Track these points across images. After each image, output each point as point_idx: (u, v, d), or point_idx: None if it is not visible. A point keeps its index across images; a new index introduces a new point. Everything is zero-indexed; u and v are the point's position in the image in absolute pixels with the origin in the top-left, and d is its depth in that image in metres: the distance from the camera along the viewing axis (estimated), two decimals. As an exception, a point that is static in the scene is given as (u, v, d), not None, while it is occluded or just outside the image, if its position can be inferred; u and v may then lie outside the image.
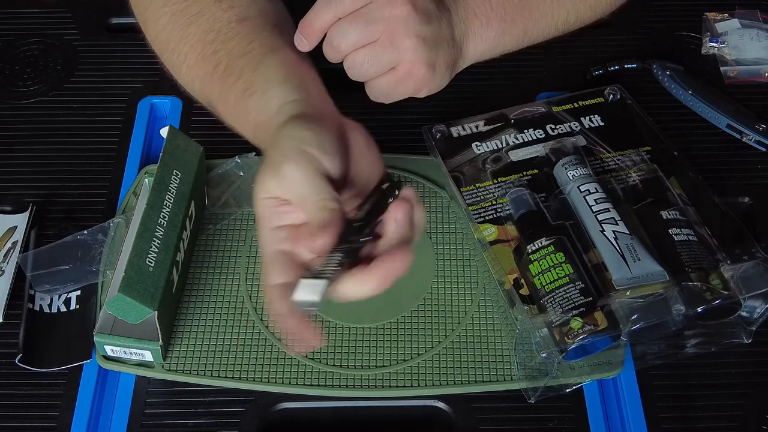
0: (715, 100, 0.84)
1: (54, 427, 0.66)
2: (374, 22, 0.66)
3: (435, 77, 0.69)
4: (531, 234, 0.69)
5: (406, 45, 0.66)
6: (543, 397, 0.67)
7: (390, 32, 0.66)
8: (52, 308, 0.71)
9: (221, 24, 0.67)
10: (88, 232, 0.74)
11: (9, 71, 0.88)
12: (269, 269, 0.56)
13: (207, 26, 0.68)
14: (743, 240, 0.69)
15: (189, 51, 0.68)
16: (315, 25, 0.67)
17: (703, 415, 0.67)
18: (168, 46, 0.70)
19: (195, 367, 0.68)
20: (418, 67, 0.68)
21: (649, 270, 0.66)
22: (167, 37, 0.70)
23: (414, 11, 0.66)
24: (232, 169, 0.78)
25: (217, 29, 0.67)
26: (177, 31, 0.69)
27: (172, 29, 0.69)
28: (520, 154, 0.78)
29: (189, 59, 0.68)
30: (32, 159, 0.81)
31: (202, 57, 0.67)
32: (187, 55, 0.68)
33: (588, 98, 0.82)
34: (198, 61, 0.67)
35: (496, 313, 0.71)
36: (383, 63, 0.67)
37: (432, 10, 0.68)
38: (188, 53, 0.68)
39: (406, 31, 0.66)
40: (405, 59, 0.67)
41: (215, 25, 0.67)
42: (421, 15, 0.66)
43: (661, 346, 0.68)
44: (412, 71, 0.68)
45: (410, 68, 0.68)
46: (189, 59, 0.68)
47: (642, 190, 0.73)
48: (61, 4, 0.94)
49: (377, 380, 0.68)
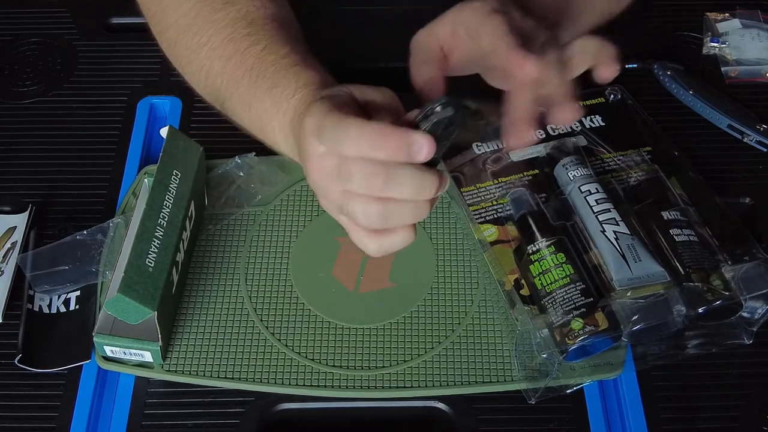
0: (716, 100, 0.84)
1: (53, 427, 0.66)
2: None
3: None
4: (531, 234, 0.69)
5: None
6: (543, 398, 0.66)
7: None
8: (52, 309, 0.71)
9: (256, 17, 0.68)
10: (88, 232, 0.74)
11: (9, 71, 0.88)
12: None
13: (238, 15, 0.68)
14: (744, 240, 0.69)
15: (214, 34, 0.68)
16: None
17: (704, 416, 0.67)
18: (190, 30, 0.69)
19: (195, 367, 0.68)
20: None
21: (650, 270, 0.66)
22: (190, 21, 0.69)
23: None
24: (232, 169, 0.78)
25: (251, 20, 0.68)
26: (203, 15, 0.69)
27: (197, 14, 0.69)
28: (520, 154, 0.78)
29: (213, 41, 0.68)
30: (32, 159, 0.81)
31: (230, 39, 0.67)
32: (211, 37, 0.68)
33: (589, 98, 0.82)
34: (224, 42, 0.67)
35: (496, 313, 0.71)
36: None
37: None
38: (213, 36, 0.68)
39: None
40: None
41: (249, 16, 0.68)
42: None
43: (662, 347, 0.68)
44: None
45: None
46: (213, 41, 0.68)
47: (643, 191, 0.73)
48: (60, 4, 0.94)
49: (377, 381, 0.68)
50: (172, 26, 0.71)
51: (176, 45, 0.71)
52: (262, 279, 0.73)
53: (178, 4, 0.70)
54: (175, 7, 0.70)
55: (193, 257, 0.74)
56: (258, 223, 0.77)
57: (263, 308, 0.72)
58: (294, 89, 0.62)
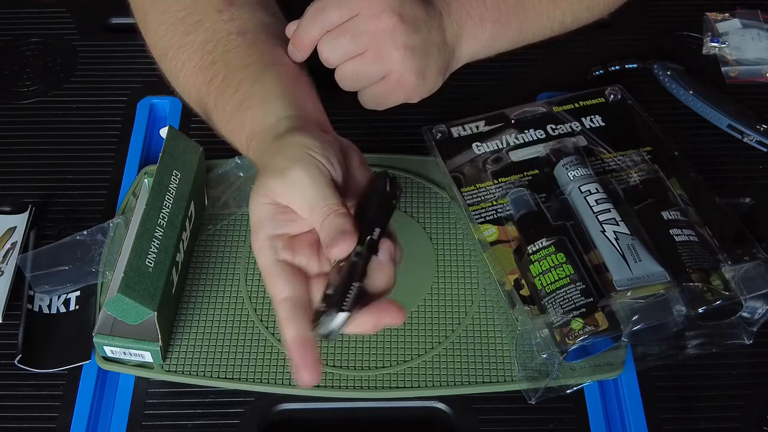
0: (715, 100, 0.84)
1: (53, 428, 0.66)
2: (360, 36, 0.66)
3: (426, 84, 0.70)
4: (531, 234, 0.69)
5: (393, 57, 0.66)
6: (543, 398, 0.66)
7: (377, 45, 0.66)
8: (52, 309, 0.71)
9: (221, 35, 0.68)
10: (88, 232, 0.74)
11: (8, 71, 0.88)
12: (272, 282, 0.56)
13: (206, 36, 0.68)
14: (744, 240, 0.69)
15: (187, 60, 0.68)
16: (305, 40, 0.67)
17: (704, 416, 0.67)
18: (167, 54, 0.70)
19: (194, 367, 0.68)
20: (408, 77, 0.68)
21: (650, 271, 0.66)
22: (166, 44, 0.70)
23: (401, 22, 0.66)
24: (232, 169, 0.78)
25: (216, 40, 0.68)
26: (176, 39, 0.69)
27: (171, 37, 0.69)
28: (520, 154, 0.78)
29: (187, 68, 0.69)
30: (32, 159, 0.81)
31: (199, 67, 0.68)
32: (185, 63, 0.69)
33: (589, 98, 0.82)
34: (195, 70, 0.68)
35: (496, 313, 0.71)
36: (371, 75, 0.68)
37: (421, 17, 0.67)
38: (186, 62, 0.69)
39: (393, 42, 0.66)
40: (394, 70, 0.67)
41: (215, 36, 0.68)
42: (408, 25, 0.66)
43: (662, 347, 0.68)
44: (402, 81, 0.68)
45: (399, 78, 0.68)
46: (187, 68, 0.69)
47: (643, 191, 0.73)
48: (60, 4, 0.94)
49: (377, 381, 0.68)
50: (154, 47, 0.72)
51: (161, 63, 0.72)
52: (262, 279, 0.73)
53: (155, 25, 0.71)
54: (153, 28, 0.71)
55: (193, 257, 0.74)
56: (258, 223, 0.77)
57: (263, 308, 0.72)
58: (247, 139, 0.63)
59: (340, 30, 0.66)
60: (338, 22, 0.66)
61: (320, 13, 0.66)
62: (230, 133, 0.66)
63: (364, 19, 0.65)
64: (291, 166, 0.56)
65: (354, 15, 0.66)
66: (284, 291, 0.55)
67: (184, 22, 0.69)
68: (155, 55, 0.73)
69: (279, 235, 0.56)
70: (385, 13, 0.65)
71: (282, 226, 0.56)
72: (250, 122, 0.63)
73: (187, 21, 0.69)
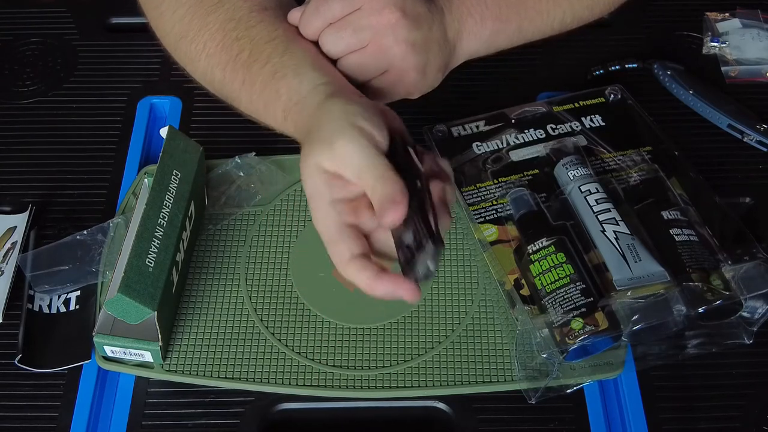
0: (716, 100, 0.84)
1: (53, 427, 0.66)
2: (362, 30, 0.66)
3: (426, 80, 0.70)
4: (532, 234, 0.69)
5: (394, 52, 0.66)
6: (544, 398, 0.66)
7: (378, 40, 0.66)
8: (52, 309, 0.71)
9: (242, 13, 0.68)
10: (88, 232, 0.74)
11: (8, 71, 0.88)
12: (339, 244, 0.57)
13: (227, 15, 0.68)
14: (744, 240, 0.69)
15: (209, 40, 0.68)
16: (307, 31, 0.67)
17: (704, 416, 0.67)
18: (186, 37, 0.70)
19: (195, 367, 0.68)
20: (408, 72, 0.68)
21: (650, 270, 0.66)
22: (185, 27, 0.70)
23: (403, 17, 0.66)
24: (232, 169, 0.78)
25: (238, 18, 0.68)
26: (196, 20, 0.69)
27: (191, 19, 0.69)
28: (520, 154, 0.78)
29: (209, 48, 0.68)
30: (32, 159, 0.81)
31: (222, 45, 0.67)
32: (207, 44, 0.68)
33: (589, 98, 0.82)
34: (218, 49, 0.68)
35: (496, 313, 0.71)
36: (372, 70, 0.68)
37: (423, 13, 0.68)
38: (208, 42, 0.68)
39: (394, 38, 0.66)
40: (394, 66, 0.67)
41: (236, 14, 0.68)
42: (410, 21, 0.66)
43: (662, 347, 0.68)
44: (402, 77, 0.68)
45: (400, 74, 0.68)
46: (209, 48, 0.68)
47: (643, 191, 0.73)
48: (60, 4, 0.94)
49: (377, 381, 0.68)
50: (170, 32, 0.71)
51: (176, 51, 0.72)
52: (262, 279, 0.73)
53: (173, 8, 0.70)
54: (171, 12, 0.71)
55: (193, 257, 0.74)
56: (258, 223, 0.77)
57: (263, 308, 0.72)
58: (283, 109, 0.63)
59: (342, 23, 0.66)
60: (341, 14, 0.66)
61: (323, 4, 0.66)
62: (263, 107, 0.66)
63: (366, 13, 0.66)
64: (337, 136, 0.56)
65: (356, 8, 0.66)
66: (356, 248, 0.56)
67: (203, 4, 0.69)
68: (169, 43, 0.72)
69: (339, 199, 0.58)
70: (388, 8, 0.65)
71: (339, 190, 0.58)
72: (286, 91, 0.63)
73: (206, 2, 0.69)
